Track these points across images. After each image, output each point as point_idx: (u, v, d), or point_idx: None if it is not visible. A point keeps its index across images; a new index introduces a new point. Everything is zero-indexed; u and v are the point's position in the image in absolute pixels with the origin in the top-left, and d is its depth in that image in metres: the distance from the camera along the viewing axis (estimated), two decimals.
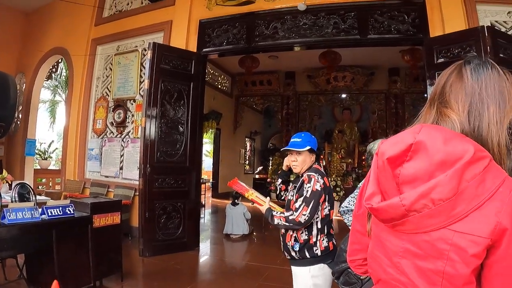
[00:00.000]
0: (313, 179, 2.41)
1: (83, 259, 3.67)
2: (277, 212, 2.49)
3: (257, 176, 13.35)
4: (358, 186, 2.61)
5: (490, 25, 4.78)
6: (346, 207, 2.52)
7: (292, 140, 2.56)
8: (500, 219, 0.76)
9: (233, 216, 7.17)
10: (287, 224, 2.39)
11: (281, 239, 2.58)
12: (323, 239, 2.45)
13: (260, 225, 8.34)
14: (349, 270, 1.93)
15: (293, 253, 2.48)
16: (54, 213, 3.44)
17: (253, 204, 2.73)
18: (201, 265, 5.51)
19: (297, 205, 2.38)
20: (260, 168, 14.20)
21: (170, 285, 4.24)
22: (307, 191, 2.38)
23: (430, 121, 0.97)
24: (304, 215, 2.34)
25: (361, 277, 1.91)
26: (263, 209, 2.57)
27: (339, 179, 10.59)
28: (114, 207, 4.24)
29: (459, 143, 0.81)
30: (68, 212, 3.56)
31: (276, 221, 2.44)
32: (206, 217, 9.96)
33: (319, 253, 2.42)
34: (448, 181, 0.77)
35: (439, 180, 0.78)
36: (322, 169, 2.56)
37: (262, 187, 12.48)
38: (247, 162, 17.00)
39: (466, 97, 0.93)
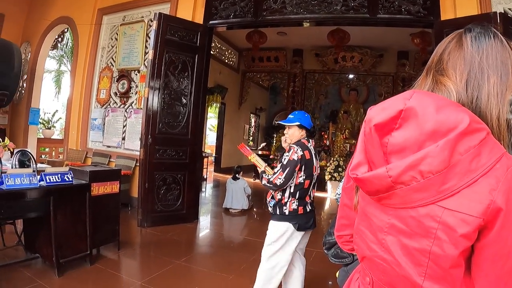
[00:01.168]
0: (292, 150, 2.83)
1: (80, 226, 3.70)
2: (266, 175, 2.88)
3: (260, 152, 13.30)
4: None
5: (503, 11, 4.64)
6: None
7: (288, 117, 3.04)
8: (494, 198, 0.70)
9: (233, 190, 7.20)
10: (267, 184, 2.86)
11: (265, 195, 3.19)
12: (294, 202, 2.90)
13: (260, 201, 8.37)
14: None
15: (269, 208, 3.01)
16: (53, 179, 3.45)
17: (254, 180, 3.01)
18: (198, 238, 5.57)
19: (275, 170, 2.84)
20: (264, 144, 14.17)
21: (166, 256, 4.27)
22: (285, 159, 2.82)
23: (425, 90, 0.91)
24: (280, 179, 2.78)
25: (354, 253, 1.89)
26: (260, 171, 3.00)
27: (341, 159, 10.55)
28: (113, 176, 4.25)
29: (453, 112, 0.75)
30: (67, 179, 3.57)
31: (263, 181, 2.91)
32: (207, 191, 10.02)
33: (286, 213, 2.90)
34: (439, 152, 0.72)
35: (428, 151, 0.73)
36: (308, 144, 2.93)
37: (265, 163, 12.46)
38: (251, 138, 17.00)
39: (464, 66, 0.87)
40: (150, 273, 3.74)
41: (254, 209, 7.59)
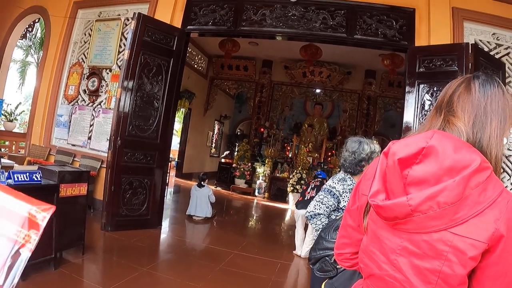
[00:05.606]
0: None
1: (46, 229, 3.51)
2: None
3: (223, 160, 13.28)
4: (325, 188, 2.69)
5: (474, 43, 4.93)
6: (312, 211, 2.66)
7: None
8: (498, 226, 0.83)
9: (198, 197, 7.13)
10: None
11: None
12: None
13: (222, 209, 8.33)
14: (326, 258, 1.98)
15: None
16: (21, 178, 3.29)
17: (216, 187, 2.89)
18: (163, 245, 5.46)
19: None
20: (227, 152, 14.14)
21: (131, 262, 4.16)
22: None
23: (436, 127, 1.02)
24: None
25: (337, 266, 1.96)
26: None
27: (304, 172, 10.72)
28: (82, 178, 4.10)
29: (467, 152, 0.87)
30: (35, 179, 3.41)
31: None
32: (167, 196, 9.84)
33: None
34: (455, 187, 0.83)
35: (447, 185, 0.83)
36: (312, 181, 5.60)
37: (227, 171, 12.48)
38: (213, 145, 16.91)
39: (472, 109, 0.99)
40: (117, 279, 3.62)
41: (215, 217, 7.52)
